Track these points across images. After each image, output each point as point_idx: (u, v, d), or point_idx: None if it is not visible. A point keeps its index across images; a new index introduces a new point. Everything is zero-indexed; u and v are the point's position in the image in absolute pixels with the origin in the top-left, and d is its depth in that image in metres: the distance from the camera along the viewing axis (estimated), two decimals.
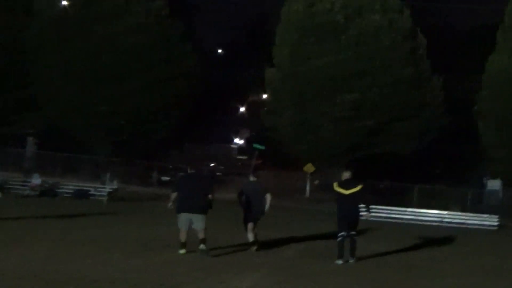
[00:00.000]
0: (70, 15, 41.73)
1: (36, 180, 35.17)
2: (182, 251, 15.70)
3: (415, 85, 40.50)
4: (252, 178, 19.13)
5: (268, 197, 17.94)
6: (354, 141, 40.49)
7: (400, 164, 43.51)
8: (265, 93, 69.03)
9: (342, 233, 16.08)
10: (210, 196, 16.15)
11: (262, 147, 68.06)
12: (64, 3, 43.01)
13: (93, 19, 41.43)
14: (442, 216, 36.30)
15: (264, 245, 18.58)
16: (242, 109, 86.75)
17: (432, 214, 36.82)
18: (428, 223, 35.00)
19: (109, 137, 43.36)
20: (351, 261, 16.16)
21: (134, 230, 20.83)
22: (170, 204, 16.40)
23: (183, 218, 15.73)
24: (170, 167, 52.08)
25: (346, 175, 16.60)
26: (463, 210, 39.38)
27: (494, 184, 51.94)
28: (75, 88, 41.48)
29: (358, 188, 16.21)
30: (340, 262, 15.88)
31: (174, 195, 16.16)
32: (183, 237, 15.73)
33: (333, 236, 17.61)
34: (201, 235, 15.66)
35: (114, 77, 41.47)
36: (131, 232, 20.10)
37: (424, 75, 41.46)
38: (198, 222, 15.70)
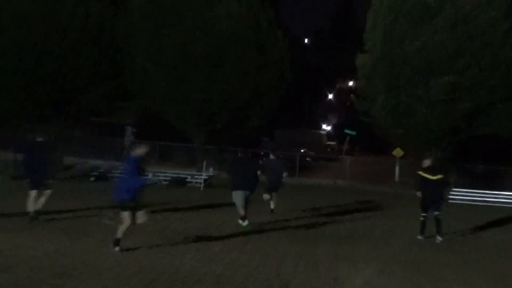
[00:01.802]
0: (162, 3, 39.99)
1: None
2: (244, 223, 17.62)
3: None
4: (272, 156, 22.38)
5: (285, 174, 21.82)
6: (451, 125, 37.74)
7: (498, 147, 41.69)
8: (351, 80, 67.84)
9: (424, 214, 17.81)
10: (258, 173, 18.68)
11: (353, 133, 67.38)
12: None
13: (185, 6, 39.50)
14: None
15: (369, 234, 18.34)
16: (330, 96, 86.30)
17: None
18: None
19: (204, 125, 41.70)
20: (440, 238, 17.41)
21: (231, 219, 19.29)
22: None
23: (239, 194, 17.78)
24: (261, 153, 52.04)
25: (427, 162, 18.63)
26: None
27: None
28: (168, 76, 39.91)
29: (443, 175, 17.89)
30: (420, 237, 17.61)
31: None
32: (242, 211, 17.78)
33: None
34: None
35: (207, 65, 39.65)
36: (227, 222, 18.97)
37: None
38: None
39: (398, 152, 47.47)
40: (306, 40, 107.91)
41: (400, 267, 12.72)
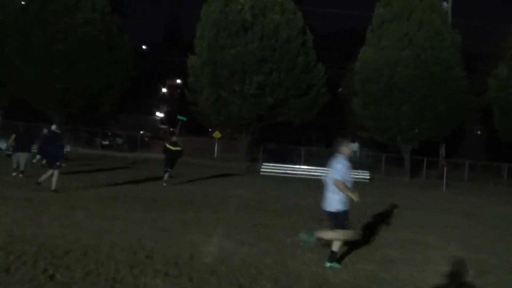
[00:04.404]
0: (30, 9, 36.77)
1: (1, 144, 31.34)
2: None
3: (305, 70, 37.72)
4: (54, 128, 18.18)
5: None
6: (258, 114, 37.47)
7: (293, 131, 42.08)
8: (179, 78, 66.24)
9: (166, 169, 20.86)
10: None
11: (184, 118, 66.14)
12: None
13: (49, 13, 36.49)
14: (326, 171, 34.60)
15: (205, 200, 15.81)
16: (164, 89, 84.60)
17: (318, 169, 35.00)
18: (316, 177, 33.31)
19: (63, 110, 38.89)
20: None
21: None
22: None
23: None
24: (109, 133, 50.54)
25: (174, 139, 21.41)
26: None
27: (352, 146, 53.25)
28: (34, 69, 36.70)
29: (180, 148, 21.03)
30: (164, 184, 20.30)
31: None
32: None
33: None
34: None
35: (66, 61, 36.87)
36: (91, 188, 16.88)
37: (312, 63, 38.66)
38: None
39: (216, 134, 47.39)
40: (143, 47, 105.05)
41: (241, 230, 11.31)
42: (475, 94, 38.62)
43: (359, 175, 34.32)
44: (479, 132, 52.37)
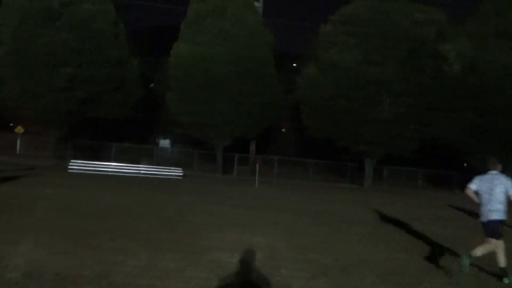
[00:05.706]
0: None
1: None
2: None
3: (118, 64, 36.32)
4: None
5: None
6: (69, 108, 35.35)
7: (104, 127, 40.58)
8: None
9: None
10: None
11: None
12: None
13: None
14: (139, 168, 34.13)
15: (10, 203, 14.01)
16: None
17: (132, 167, 34.50)
18: (129, 174, 32.49)
19: None
20: None
21: None
22: None
23: None
24: None
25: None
26: (150, 163, 37.07)
27: (164, 143, 53.72)
28: None
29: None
30: None
31: None
32: None
33: None
34: None
35: None
36: None
37: (125, 56, 37.31)
38: None
39: (19, 129, 44.48)
40: None
41: (54, 237, 10.14)
42: (285, 92, 39.84)
43: (172, 172, 33.90)
44: (284, 130, 54.60)
